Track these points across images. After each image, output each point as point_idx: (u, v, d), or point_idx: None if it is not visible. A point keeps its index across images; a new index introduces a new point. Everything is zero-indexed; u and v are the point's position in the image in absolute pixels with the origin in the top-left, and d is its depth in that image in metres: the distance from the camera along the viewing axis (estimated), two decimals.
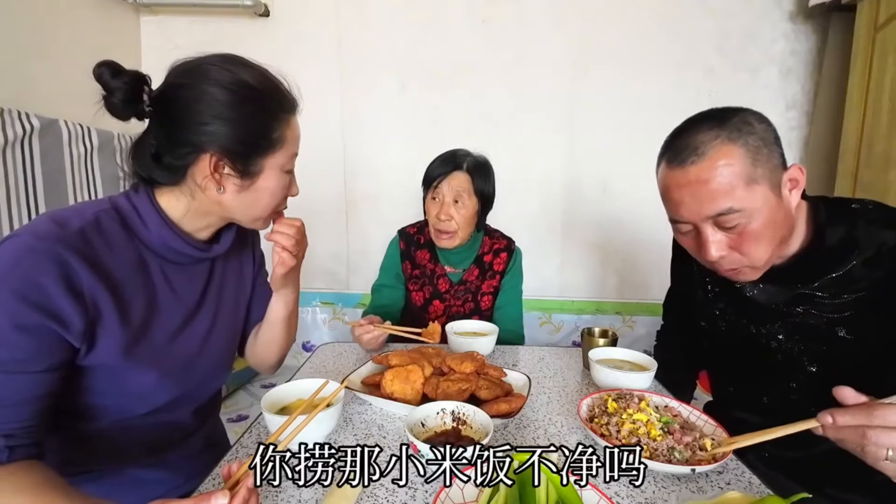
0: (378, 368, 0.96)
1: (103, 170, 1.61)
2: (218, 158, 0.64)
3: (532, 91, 2.04)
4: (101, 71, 0.60)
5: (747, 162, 0.67)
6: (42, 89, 1.50)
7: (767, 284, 0.80)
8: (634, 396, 0.81)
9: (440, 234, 1.28)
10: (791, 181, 0.71)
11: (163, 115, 0.64)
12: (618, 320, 2.18)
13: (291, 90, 0.71)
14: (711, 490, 0.63)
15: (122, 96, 0.61)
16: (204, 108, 0.63)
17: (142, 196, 0.68)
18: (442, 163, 1.27)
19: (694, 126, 0.72)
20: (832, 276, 0.75)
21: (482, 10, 2.00)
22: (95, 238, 0.61)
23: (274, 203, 0.73)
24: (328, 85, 2.05)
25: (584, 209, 2.12)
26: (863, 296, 0.73)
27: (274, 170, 0.69)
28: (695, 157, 0.69)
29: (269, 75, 0.69)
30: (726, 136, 0.68)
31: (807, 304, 0.78)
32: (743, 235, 0.70)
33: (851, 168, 1.74)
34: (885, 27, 1.61)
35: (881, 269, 0.72)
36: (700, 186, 0.69)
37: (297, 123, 0.73)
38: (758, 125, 0.69)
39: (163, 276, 0.70)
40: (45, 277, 0.55)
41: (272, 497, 0.60)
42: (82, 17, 1.70)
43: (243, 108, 0.64)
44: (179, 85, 0.64)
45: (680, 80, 2.00)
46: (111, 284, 0.62)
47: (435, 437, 0.72)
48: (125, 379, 0.65)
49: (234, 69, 0.65)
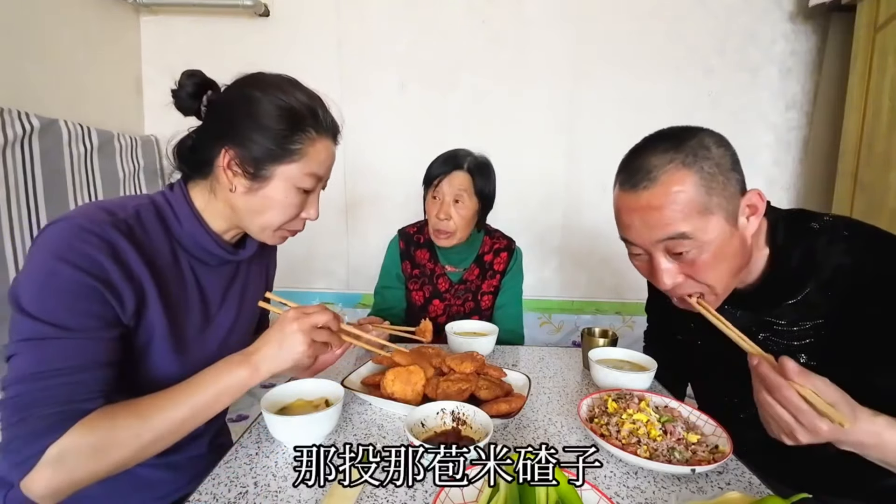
0: (378, 368, 0.96)
1: (103, 170, 1.61)
2: (233, 154, 0.67)
3: (532, 91, 2.04)
4: (183, 73, 0.70)
5: (701, 191, 0.65)
6: (42, 89, 1.50)
7: (732, 308, 0.79)
8: (634, 396, 0.81)
9: (438, 233, 1.29)
10: (749, 207, 0.69)
11: (209, 113, 0.71)
12: (618, 320, 2.18)
13: (330, 117, 0.73)
14: (711, 490, 0.63)
15: (188, 90, 0.70)
16: (238, 108, 0.68)
17: (177, 193, 0.71)
18: (443, 162, 1.27)
19: (650, 147, 0.70)
20: (790, 304, 0.74)
21: (482, 10, 2.00)
22: (138, 229, 0.65)
23: (282, 218, 0.72)
24: (328, 85, 2.02)
25: (584, 209, 2.12)
26: (820, 323, 0.72)
27: (285, 181, 0.69)
28: (647, 182, 0.67)
29: (311, 98, 0.71)
30: (681, 160, 0.65)
31: (767, 331, 0.77)
32: (695, 265, 0.68)
33: (851, 168, 1.74)
34: (885, 27, 1.61)
35: (837, 294, 0.70)
36: (651, 212, 0.67)
37: (329, 150, 0.73)
38: (715, 149, 0.67)
39: (192, 272, 0.73)
40: (101, 255, 0.58)
41: (272, 497, 0.60)
42: (82, 17, 1.70)
43: (270, 111, 0.66)
44: (230, 88, 0.71)
45: (680, 80, 2.00)
46: (154, 270, 0.65)
47: (435, 437, 0.72)
48: (159, 364, 0.68)
49: (283, 84, 0.69)
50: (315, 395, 0.79)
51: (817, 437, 0.56)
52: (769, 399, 0.58)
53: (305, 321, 0.66)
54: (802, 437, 0.56)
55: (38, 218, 1.37)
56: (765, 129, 2.03)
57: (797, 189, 2.08)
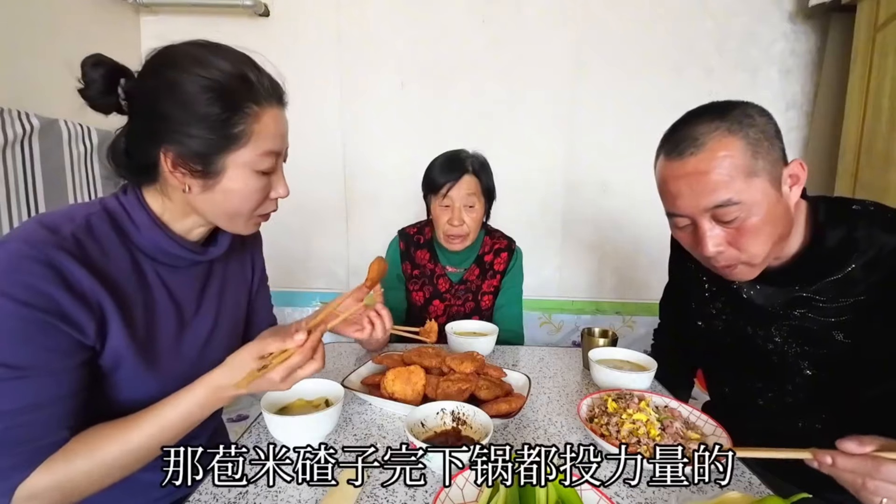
0: (378, 368, 0.96)
1: (103, 169, 1.61)
2: (174, 156, 0.60)
3: (532, 91, 2.04)
4: (84, 61, 0.61)
5: (747, 154, 0.66)
6: (42, 89, 1.50)
7: (765, 285, 0.79)
8: (634, 396, 0.81)
9: (452, 238, 1.28)
10: (792, 177, 0.70)
11: (130, 107, 0.63)
12: (618, 320, 2.18)
13: (267, 79, 0.64)
14: (711, 490, 0.63)
15: (97, 87, 0.60)
16: (161, 99, 0.59)
17: (130, 197, 0.65)
18: (448, 169, 1.26)
19: (694, 118, 0.71)
20: (830, 280, 0.74)
21: (482, 9, 2.00)
22: (88, 242, 0.60)
23: (248, 205, 0.66)
24: (328, 85, 2.05)
25: (584, 209, 2.12)
26: (861, 300, 0.72)
27: (240, 168, 0.63)
28: (693, 149, 0.68)
29: (238, 62, 0.62)
30: (726, 127, 0.67)
31: (804, 308, 0.77)
32: (741, 230, 0.68)
33: (851, 168, 1.74)
34: (885, 27, 1.61)
35: (880, 273, 0.70)
36: (698, 178, 0.67)
37: (277, 118, 0.65)
38: (759, 118, 0.68)
39: (158, 278, 0.68)
40: (46, 282, 0.53)
41: (272, 497, 0.60)
42: (82, 17, 1.70)
43: (198, 98, 0.58)
44: (145, 75, 0.61)
45: (680, 80, 2.00)
46: (110, 287, 0.60)
47: (435, 437, 0.72)
48: (129, 384, 0.65)
49: (202, 55, 0.60)
50: (315, 395, 0.79)
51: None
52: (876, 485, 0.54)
53: (292, 380, 0.63)
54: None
55: None
56: None
57: None
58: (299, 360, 0.61)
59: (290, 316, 2.12)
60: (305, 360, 0.62)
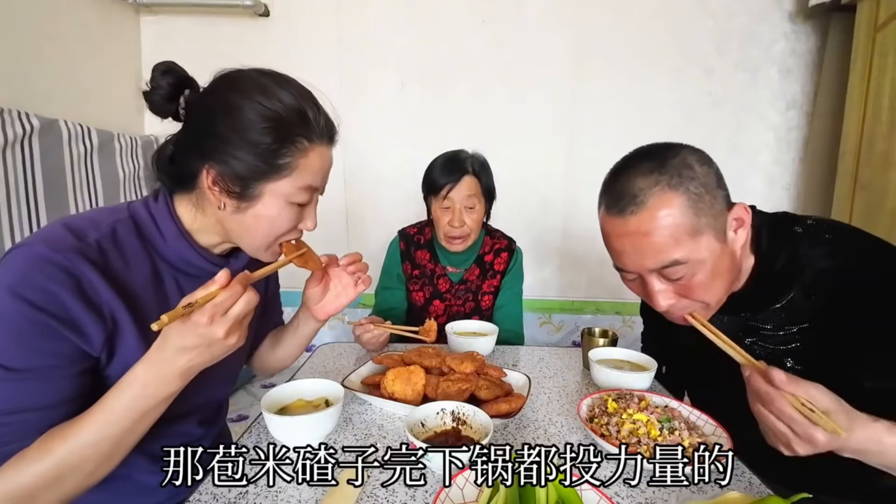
0: (378, 368, 0.96)
1: (103, 170, 1.61)
2: (216, 174, 0.61)
3: (532, 91, 2.04)
4: (155, 67, 0.63)
5: (689, 213, 0.64)
6: (42, 89, 1.50)
7: (718, 314, 0.78)
8: (634, 396, 0.81)
9: (453, 240, 1.28)
10: (736, 220, 0.69)
11: (187, 118, 0.65)
12: (618, 320, 2.18)
13: (324, 118, 0.66)
14: (711, 490, 0.63)
15: (162, 93, 0.62)
16: (218, 118, 0.61)
17: (160, 205, 0.66)
18: (448, 170, 1.26)
19: (633, 168, 0.68)
20: (775, 308, 0.74)
21: (482, 9, 2.00)
22: (112, 251, 0.60)
23: (275, 232, 0.67)
24: (328, 85, 2.04)
25: (585, 209, 2.12)
26: (806, 327, 0.72)
27: (276, 198, 0.64)
28: (633, 207, 0.66)
29: (300, 97, 0.63)
30: (666, 182, 0.64)
31: (754, 336, 0.77)
32: (689, 286, 0.68)
33: (851, 168, 1.74)
34: (885, 27, 1.61)
35: (821, 297, 0.70)
36: (640, 239, 0.66)
37: (324, 157, 0.66)
38: (699, 168, 0.66)
39: (178, 288, 0.69)
40: (61, 288, 0.53)
41: (272, 497, 0.60)
42: (82, 17, 1.70)
43: (253, 124, 0.60)
44: (209, 92, 0.64)
45: (680, 81, 2.00)
46: (127, 298, 0.60)
47: (435, 437, 0.71)
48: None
49: (267, 85, 0.61)
50: (315, 395, 0.79)
51: (814, 447, 0.55)
52: (764, 411, 0.58)
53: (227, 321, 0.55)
54: (799, 447, 0.56)
55: (37, 218, 1.37)
56: (765, 129, 2.04)
57: (797, 189, 2.08)
58: (227, 296, 0.54)
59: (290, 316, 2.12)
60: (234, 297, 0.55)
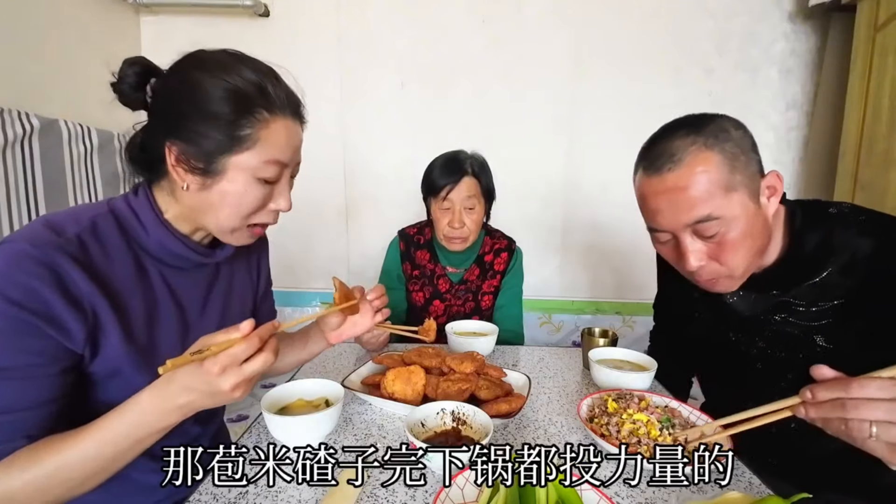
0: (378, 368, 0.96)
1: (103, 170, 1.61)
2: (178, 151, 0.61)
3: (532, 91, 2.04)
4: (125, 60, 0.64)
5: (725, 169, 0.66)
6: (42, 89, 1.50)
7: (746, 292, 0.79)
8: (634, 396, 0.81)
9: (452, 240, 1.28)
10: (769, 188, 0.70)
11: (153, 103, 0.65)
12: (618, 320, 2.18)
13: (284, 91, 0.65)
14: (711, 490, 0.63)
15: (130, 81, 0.63)
16: (180, 96, 0.61)
17: (140, 198, 0.66)
18: (447, 171, 1.25)
19: (670, 133, 0.71)
20: (808, 284, 0.74)
21: (482, 9, 2.00)
22: (92, 245, 0.60)
23: (242, 211, 0.65)
24: (328, 85, 2.05)
25: (585, 209, 2.12)
26: (839, 304, 0.73)
27: (241, 172, 0.62)
28: (671, 165, 0.68)
29: (260, 73, 0.63)
30: (703, 142, 0.67)
31: (785, 312, 0.77)
32: (722, 245, 0.69)
33: (851, 168, 1.74)
34: (885, 27, 1.61)
35: (856, 277, 0.71)
36: (677, 194, 0.68)
37: (289, 130, 0.65)
38: (734, 132, 0.68)
39: (163, 281, 0.68)
40: (42, 284, 0.53)
41: (272, 497, 0.60)
42: (82, 17, 1.70)
43: (212, 97, 0.59)
44: (171, 73, 0.64)
45: (680, 81, 2.00)
46: (109, 292, 0.60)
47: (435, 437, 0.72)
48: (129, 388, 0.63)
49: (229, 62, 0.62)
50: (315, 395, 0.79)
51: None
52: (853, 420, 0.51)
53: (237, 375, 0.53)
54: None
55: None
56: (765, 129, 2.03)
57: (797, 189, 2.08)
58: (243, 349, 0.53)
59: (290, 316, 2.12)
60: (252, 349, 0.53)
